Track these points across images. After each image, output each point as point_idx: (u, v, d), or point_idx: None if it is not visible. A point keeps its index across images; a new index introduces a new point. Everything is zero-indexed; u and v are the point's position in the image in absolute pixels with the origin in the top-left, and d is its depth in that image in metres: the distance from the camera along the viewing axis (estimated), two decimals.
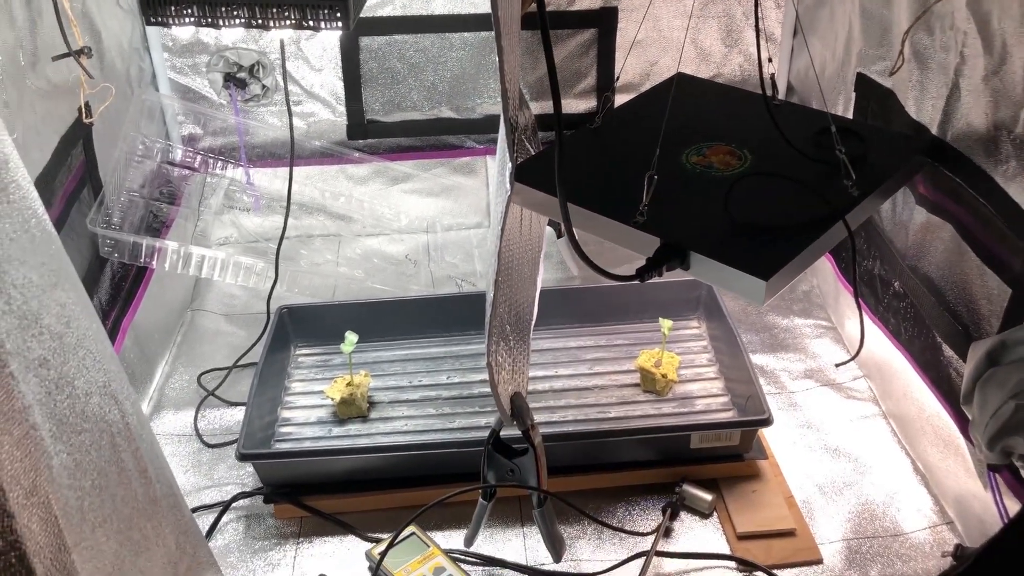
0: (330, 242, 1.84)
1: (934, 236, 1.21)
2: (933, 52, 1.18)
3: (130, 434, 0.69)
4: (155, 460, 0.76)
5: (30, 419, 0.54)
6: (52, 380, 0.58)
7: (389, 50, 1.75)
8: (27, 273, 0.57)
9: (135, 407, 0.73)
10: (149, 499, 0.72)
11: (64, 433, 0.58)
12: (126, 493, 0.66)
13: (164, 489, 0.78)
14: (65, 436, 0.58)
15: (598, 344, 1.52)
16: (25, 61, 1.17)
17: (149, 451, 0.73)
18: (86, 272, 1.32)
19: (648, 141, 1.05)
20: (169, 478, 0.82)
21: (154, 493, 0.73)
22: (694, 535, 1.21)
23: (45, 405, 0.56)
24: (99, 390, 0.64)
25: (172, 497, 0.82)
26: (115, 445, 0.65)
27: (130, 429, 0.69)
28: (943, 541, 1.18)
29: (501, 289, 1.03)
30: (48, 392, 0.57)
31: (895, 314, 1.34)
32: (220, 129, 1.79)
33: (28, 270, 0.58)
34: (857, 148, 1.11)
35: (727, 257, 0.94)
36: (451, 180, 1.88)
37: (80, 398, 0.61)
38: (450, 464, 1.24)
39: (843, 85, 1.49)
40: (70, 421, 0.59)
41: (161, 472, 0.78)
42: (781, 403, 1.44)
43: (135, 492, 0.69)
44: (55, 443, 0.56)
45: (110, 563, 0.63)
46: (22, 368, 0.55)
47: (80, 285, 0.67)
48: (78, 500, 0.58)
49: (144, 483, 0.71)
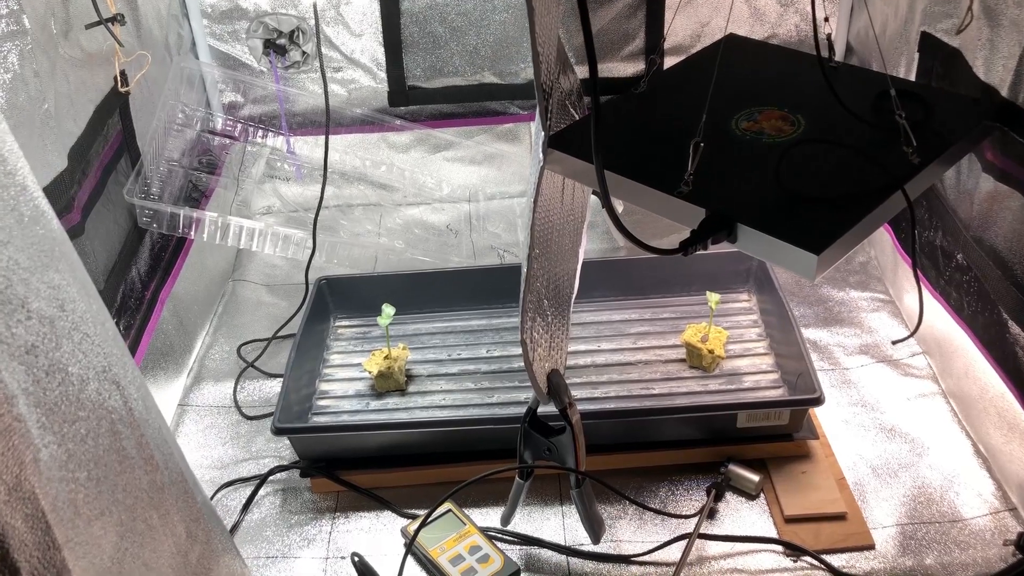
0: (371, 212, 1.82)
1: (1001, 206, 1.13)
2: (1005, 7, 1.10)
3: (133, 420, 0.67)
4: (162, 446, 0.73)
5: (13, 410, 0.52)
6: (42, 367, 0.56)
7: (430, 13, 1.71)
8: (12, 255, 0.55)
9: (140, 391, 0.70)
10: (155, 487, 0.70)
11: (55, 423, 0.56)
12: (128, 482, 0.64)
13: (173, 476, 0.76)
14: (56, 426, 0.56)
15: (643, 318, 1.47)
16: (57, 29, 1.15)
17: (156, 437, 0.71)
18: (124, 243, 1.32)
19: (695, 106, 0.99)
20: (179, 463, 0.80)
21: (161, 480, 0.71)
22: (740, 517, 1.17)
23: (32, 394, 0.54)
24: (97, 375, 0.62)
25: (182, 483, 0.79)
26: (116, 432, 0.63)
27: (133, 415, 0.67)
28: (1005, 528, 1.12)
29: (538, 262, 0.99)
30: (36, 380, 0.55)
31: (957, 288, 1.27)
32: (261, 97, 1.77)
33: (14, 251, 0.55)
34: (919, 112, 1.04)
35: (776, 229, 0.89)
36: (494, 147, 1.83)
37: (74, 384, 0.59)
38: (489, 440, 1.21)
39: (906, 45, 1.41)
40: (62, 410, 0.57)
41: (169, 458, 0.76)
42: (834, 380, 1.38)
43: (139, 481, 0.66)
44: (44, 434, 0.54)
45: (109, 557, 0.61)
46: (5, 356, 0.52)
47: (79, 264, 0.65)
48: (71, 493, 0.56)
49: (149, 471, 0.69)
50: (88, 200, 1.21)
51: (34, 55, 1.06)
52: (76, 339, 0.60)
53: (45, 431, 0.54)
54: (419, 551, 1.12)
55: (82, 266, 0.65)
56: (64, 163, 1.12)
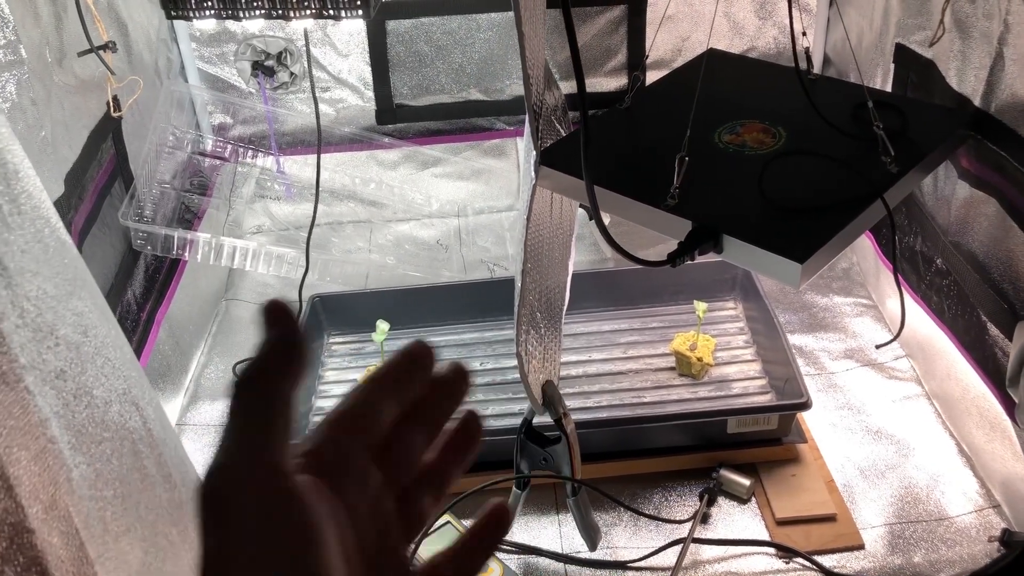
0: (361, 229, 1.84)
1: (978, 211, 1.17)
2: (975, 20, 1.13)
3: (152, 440, 0.69)
4: (179, 464, 0.75)
5: (47, 432, 0.54)
6: (70, 391, 0.58)
7: (416, 33, 1.74)
8: (41, 284, 0.57)
9: (157, 412, 0.72)
10: (175, 504, 0.72)
11: (83, 444, 0.57)
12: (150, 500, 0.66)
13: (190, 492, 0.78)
14: (84, 447, 0.57)
15: (632, 327, 1.50)
16: (52, 58, 1.17)
17: (173, 455, 0.73)
18: (119, 266, 1.33)
19: (679, 120, 1.02)
20: (195, 480, 0.82)
21: (180, 497, 0.73)
22: (732, 521, 1.19)
23: (63, 417, 0.56)
24: (119, 398, 0.64)
25: None
26: (137, 452, 0.65)
27: (152, 435, 0.69)
28: (990, 525, 1.15)
29: (530, 276, 1.02)
30: (66, 404, 0.57)
31: (938, 292, 1.30)
32: (250, 118, 1.79)
33: (42, 281, 0.57)
34: (896, 122, 1.07)
35: (761, 239, 0.92)
36: (481, 163, 1.86)
37: (99, 407, 0.61)
38: (485, 452, 1.21)
39: (881, 56, 1.44)
40: (89, 431, 0.59)
41: (186, 475, 0.78)
42: (821, 384, 1.41)
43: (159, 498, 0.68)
44: (74, 455, 0.56)
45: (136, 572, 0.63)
46: (38, 381, 0.54)
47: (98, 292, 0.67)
48: (99, 511, 0.58)
49: (168, 488, 0.71)
50: (84, 224, 1.22)
51: (31, 84, 1.08)
52: (99, 363, 0.62)
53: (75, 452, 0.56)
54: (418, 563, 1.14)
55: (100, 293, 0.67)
56: (61, 188, 1.14)
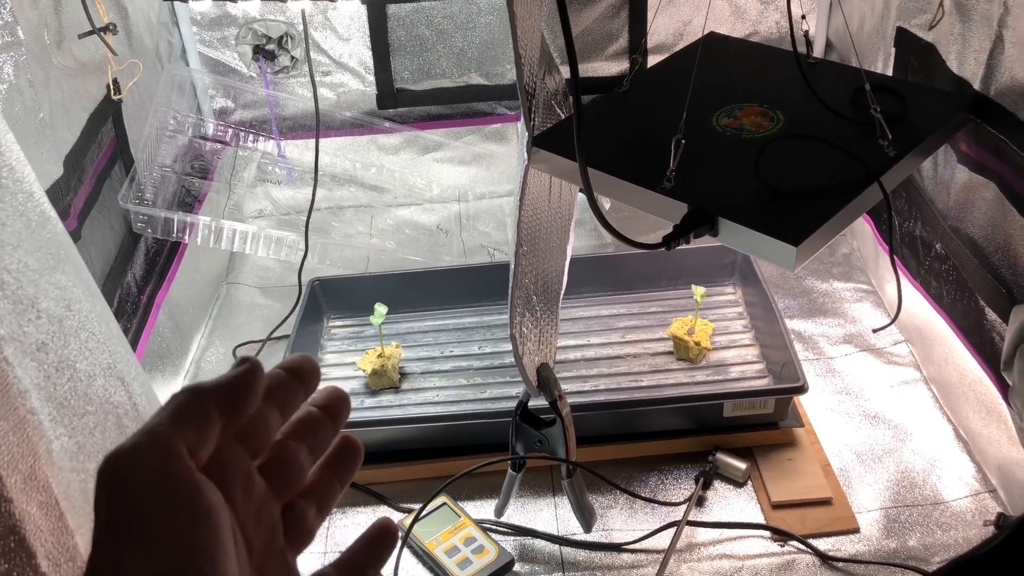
0: (362, 213, 1.84)
1: (977, 196, 1.16)
2: (975, 3, 1.13)
3: (138, 414, 0.69)
4: None
5: (27, 404, 0.54)
6: (52, 364, 0.58)
7: (417, 17, 1.73)
8: (22, 257, 0.57)
9: (144, 387, 0.73)
10: None
11: (65, 416, 0.58)
12: None
13: None
14: (66, 419, 0.58)
15: (631, 312, 1.50)
16: (50, 40, 1.17)
17: None
18: (119, 248, 1.34)
19: (677, 104, 1.02)
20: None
21: None
22: (728, 504, 1.20)
23: (44, 389, 0.56)
24: (103, 372, 0.64)
25: None
26: (122, 426, 0.66)
27: (138, 409, 0.69)
28: (985, 509, 1.16)
29: (527, 259, 1.02)
30: (47, 376, 0.57)
31: (937, 277, 1.30)
32: (251, 102, 1.79)
33: (23, 254, 0.58)
34: (895, 106, 1.07)
35: (756, 222, 0.92)
36: (482, 148, 1.86)
37: (82, 380, 0.61)
38: (482, 434, 1.24)
39: (882, 40, 1.44)
40: (71, 404, 0.59)
41: None
42: (819, 369, 1.41)
43: None
44: (55, 426, 0.56)
45: None
46: (18, 353, 0.55)
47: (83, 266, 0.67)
48: (81, 483, 0.58)
49: None
50: (84, 207, 1.23)
51: (29, 65, 1.08)
52: (83, 337, 0.63)
53: (56, 424, 0.56)
54: (415, 544, 1.15)
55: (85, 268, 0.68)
56: (60, 171, 1.14)
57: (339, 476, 0.41)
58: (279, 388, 0.38)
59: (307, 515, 0.39)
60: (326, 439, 0.40)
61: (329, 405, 0.40)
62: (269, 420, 0.37)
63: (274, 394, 0.37)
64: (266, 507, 0.37)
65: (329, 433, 0.40)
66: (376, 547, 0.41)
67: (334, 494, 0.41)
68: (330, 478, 0.40)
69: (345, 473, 0.41)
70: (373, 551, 0.41)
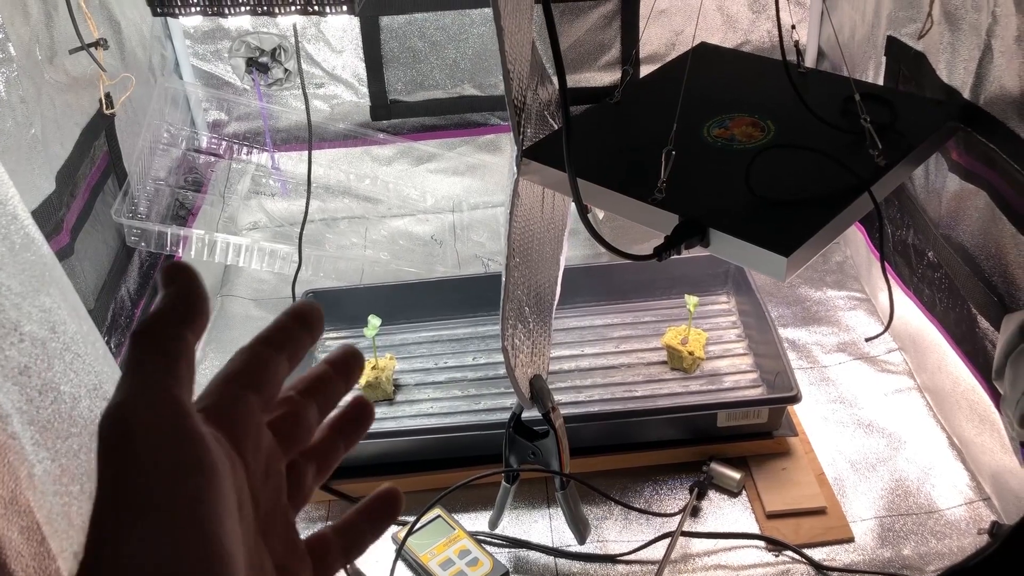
0: (356, 224, 1.84)
1: (968, 204, 1.17)
2: (964, 12, 1.13)
3: None
4: None
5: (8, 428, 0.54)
6: (35, 387, 0.58)
7: (409, 29, 1.74)
8: (4, 280, 0.57)
9: None
10: None
11: (48, 439, 0.58)
12: None
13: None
14: (49, 442, 0.58)
15: (625, 322, 1.50)
16: (42, 55, 1.17)
17: None
18: (113, 262, 1.34)
19: (668, 115, 1.02)
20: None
21: None
22: (722, 514, 1.20)
23: (26, 413, 0.56)
24: (89, 393, 0.64)
25: None
26: None
27: None
28: (979, 518, 1.16)
29: (519, 271, 1.02)
30: (30, 400, 0.57)
31: (929, 285, 1.30)
32: (245, 114, 1.80)
33: (6, 277, 0.57)
34: (885, 115, 1.07)
35: (746, 233, 0.92)
36: (476, 158, 1.86)
37: (67, 403, 0.61)
38: (477, 446, 1.23)
39: (873, 49, 1.44)
40: (55, 427, 0.59)
41: None
42: (813, 378, 1.41)
43: None
44: (38, 450, 0.56)
45: None
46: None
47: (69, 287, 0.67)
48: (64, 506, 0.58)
49: None
50: (77, 221, 1.23)
51: (20, 81, 1.08)
52: (67, 359, 0.62)
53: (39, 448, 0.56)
54: (409, 556, 1.14)
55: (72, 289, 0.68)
56: (52, 186, 1.15)
57: (345, 438, 0.39)
58: (286, 335, 0.36)
59: (307, 474, 0.38)
60: (335, 398, 0.39)
61: (342, 363, 0.39)
62: (278, 370, 0.36)
63: (282, 342, 0.36)
64: (273, 462, 0.36)
65: (339, 392, 0.39)
66: (378, 513, 0.39)
67: (337, 455, 0.39)
68: (335, 439, 0.39)
69: (352, 435, 0.40)
70: (374, 517, 0.39)
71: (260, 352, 0.36)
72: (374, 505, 0.39)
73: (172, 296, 0.32)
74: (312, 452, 0.38)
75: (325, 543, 0.38)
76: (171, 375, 0.31)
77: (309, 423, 0.37)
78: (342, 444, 0.39)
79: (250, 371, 0.35)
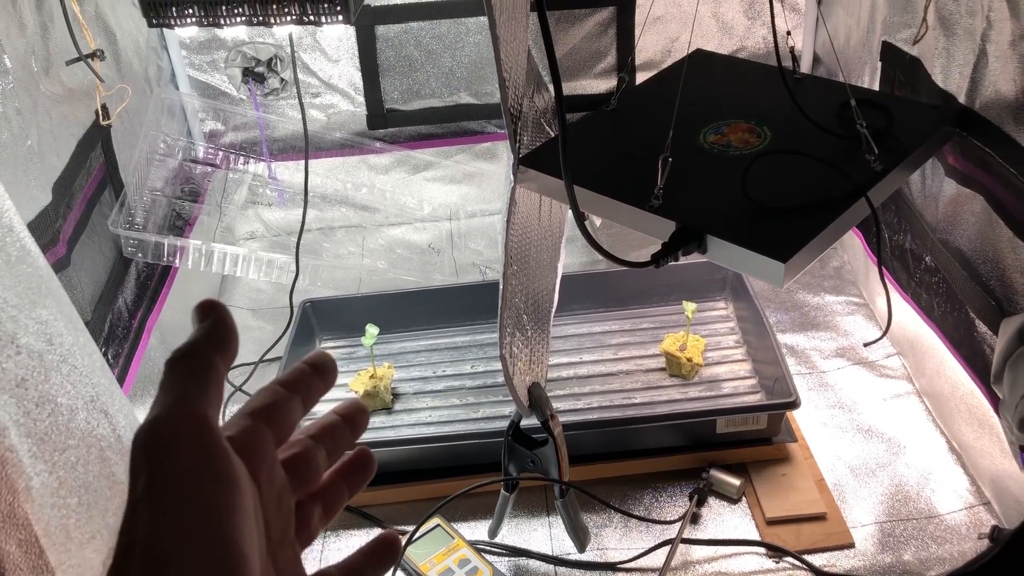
0: (354, 233, 1.84)
1: (965, 208, 1.17)
2: (959, 17, 1.13)
3: (122, 447, 0.69)
4: None
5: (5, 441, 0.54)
6: (32, 399, 0.58)
7: (405, 38, 1.74)
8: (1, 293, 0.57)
9: (129, 419, 0.72)
10: None
11: (46, 452, 0.58)
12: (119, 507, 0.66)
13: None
14: (47, 455, 0.58)
15: (623, 328, 1.50)
16: (38, 67, 1.17)
17: None
18: (110, 273, 1.33)
19: (664, 121, 1.02)
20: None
21: None
22: (722, 521, 1.19)
23: (23, 425, 0.56)
24: (86, 405, 0.64)
25: None
26: (105, 459, 0.65)
27: (122, 441, 0.69)
28: (980, 522, 1.15)
29: (517, 279, 1.02)
30: (27, 412, 0.57)
31: (927, 289, 1.30)
32: (241, 124, 1.80)
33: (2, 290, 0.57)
34: (881, 120, 1.08)
35: (744, 239, 0.92)
36: (473, 166, 1.86)
37: (64, 415, 0.61)
38: (476, 455, 1.23)
39: (869, 55, 1.44)
40: (52, 439, 0.59)
41: None
42: (812, 383, 1.41)
43: None
44: (35, 463, 0.56)
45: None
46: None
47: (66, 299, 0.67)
48: (62, 519, 0.58)
49: None
50: (73, 232, 1.23)
51: (16, 93, 1.08)
52: (64, 371, 0.62)
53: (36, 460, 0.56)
54: (409, 566, 1.14)
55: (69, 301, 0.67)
56: (48, 197, 1.14)
57: (349, 484, 0.42)
58: (301, 381, 0.39)
59: (313, 515, 0.41)
60: (343, 446, 0.41)
61: (350, 415, 0.42)
62: (293, 410, 0.38)
63: (297, 386, 0.39)
64: (285, 497, 0.38)
65: (347, 441, 0.41)
66: (377, 559, 0.42)
67: (341, 501, 0.42)
68: (340, 484, 0.42)
69: (356, 482, 0.42)
70: (374, 562, 0.42)
71: (278, 392, 0.39)
72: (375, 549, 0.42)
73: (206, 328, 0.36)
74: (319, 494, 0.41)
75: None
76: (202, 396, 0.34)
77: (318, 465, 0.40)
78: (346, 490, 0.42)
79: (267, 408, 0.38)
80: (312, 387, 0.40)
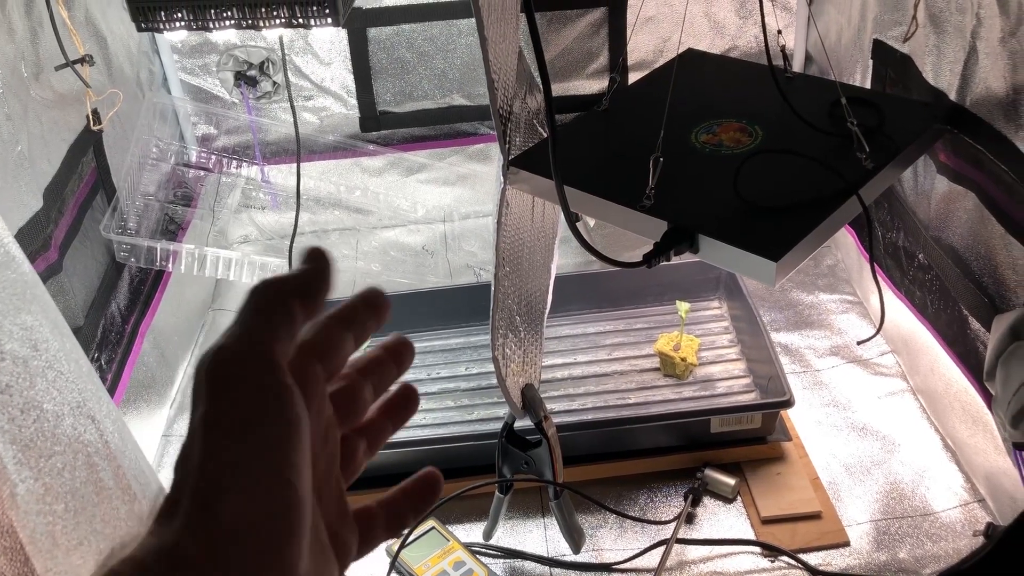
0: (347, 236, 1.84)
1: (957, 205, 1.17)
2: (949, 14, 1.14)
3: (110, 452, 0.68)
4: (140, 476, 0.75)
5: None
6: (16, 406, 0.57)
7: (397, 40, 1.74)
8: None
9: (116, 424, 0.72)
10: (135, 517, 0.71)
11: (31, 458, 0.57)
12: (106, 513, 0.66)
13: (152, 505, 0.77)
14: (32, 461, 0.57)
15: (617, 329, 1.50)
16: (28, 72, 1.17)
17: (133, 467, 0.73)
18: (102, 278, 1.33)
19: (656, 121, 1.02)
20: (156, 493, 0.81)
21: (140, 510, 0.73)
22: (718, 520, 1.19)
23: (8, 432, 0.56)
24: (72, 411, 0.64)
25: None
26: (92, 465, 0.65)
27: (110, 447, 0.69)
28: (974, 520, 1.15)
29: (509, 280, 1.02)
30: (11, 419, 0.57)
31: (920, 287, 1.30)
32: (234, 128, 1.79)
33: None
34: (872, 118, 1.08)
35: (735, 238, 0.92)
36: (466, 168, 1.86)
37: (49, 421, 0.60)
38: (470, 456, 1.23)
39: (860, 53, 1.45)
40: (38, 446, 0.58)
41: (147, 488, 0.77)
42: (806, 382, 1.41)
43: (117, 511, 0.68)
44: (20, 469, 0.56)
45: None
46: None
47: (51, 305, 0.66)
48: (48, 525, 0.57)
49: (128, 500, 0.70)
50: (65, 238, 1.22)
51: (5, 99, 1.08)
52: (50, 377, 0.62)
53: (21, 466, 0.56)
54: (403, 569, 1.14)
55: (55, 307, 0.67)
56: (40, 203, 1.14)
57: (393, 420, 0.42)
58: (355, 316, 0.39)
59: (359, 449, 0.41)
60: (388, 381, 0.41)
61: (396, 351, 0.41)
62: (344, 344, 0.38)
63: (350, 322, 0.38)
64: (332, 431, 0.38)
65: (392, 376, 0.41)
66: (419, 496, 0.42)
67: (385, 435, 0.42)
68: (384, 419, 0.42)
69: (399, 418, 0.42)
70: (415, 499, 0.42)
71: (330, 327, 0.38)
72: (415, 487, 0.42)
73: (302, 271, 0.36)
74: (363, 429, 0.41)
75: (371, 516, 0.41)
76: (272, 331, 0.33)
77: (364, 400, 0.40)
78: (390, 425, 0.42)
79: (319, 343, 0.37)
80: (364, 323, 0.39)
